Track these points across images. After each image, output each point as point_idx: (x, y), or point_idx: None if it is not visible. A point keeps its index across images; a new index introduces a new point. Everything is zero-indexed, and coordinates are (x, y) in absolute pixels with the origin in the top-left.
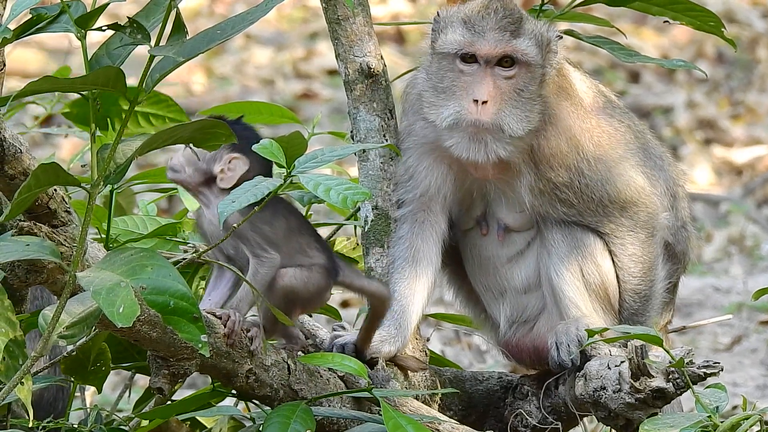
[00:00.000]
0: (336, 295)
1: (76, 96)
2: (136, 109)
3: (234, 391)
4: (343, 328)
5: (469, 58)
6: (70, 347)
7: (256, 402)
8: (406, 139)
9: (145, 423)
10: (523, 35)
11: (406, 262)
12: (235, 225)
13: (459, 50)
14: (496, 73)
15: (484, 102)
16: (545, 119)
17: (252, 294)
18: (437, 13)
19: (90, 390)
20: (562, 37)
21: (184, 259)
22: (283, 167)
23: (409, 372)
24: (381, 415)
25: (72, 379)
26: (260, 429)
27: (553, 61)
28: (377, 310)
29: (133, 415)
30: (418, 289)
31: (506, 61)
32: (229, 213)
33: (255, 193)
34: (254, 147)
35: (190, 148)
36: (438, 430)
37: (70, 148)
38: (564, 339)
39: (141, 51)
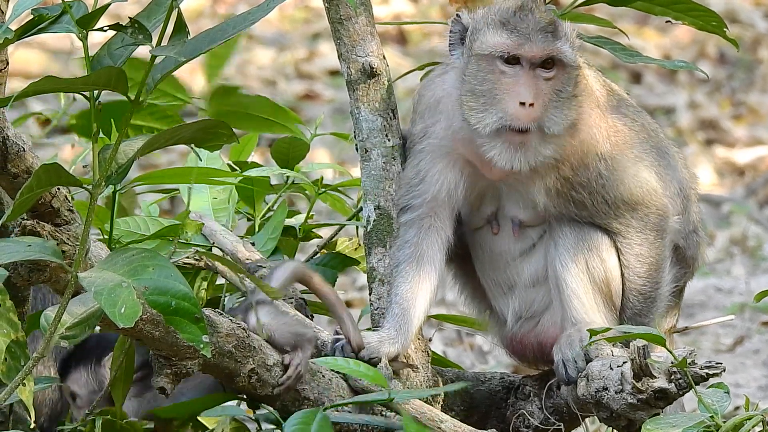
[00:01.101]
0: (340, 296)
1: (81, 107)
2: (136, 122)
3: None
4: None
5: (509, 60)
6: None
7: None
8: (420, 141)
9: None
10: (562, 36)
11: (410, 266)
12: None
13: (504, 52)
14: (537, 75)
15: (530, 104)
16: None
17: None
18: (457, 14)
19: None
20: (583, 38)
21: (186, 260)
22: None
23: (411, 371)
24: (385, 416)
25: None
26: None
27: (580, 61)
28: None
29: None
30: (421, 292)
31: (548, 62)
32: None
33: None
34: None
35: None
36: (441, 429)
37: (73, 149)
38: (570, 354)
39: (143, 51)
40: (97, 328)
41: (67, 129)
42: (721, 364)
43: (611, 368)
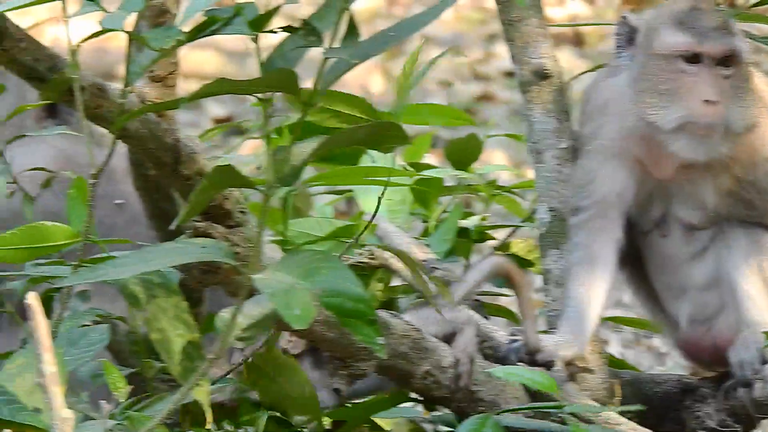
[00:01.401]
0: (514, 297)
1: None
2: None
3: (413, 394)
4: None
5: (690, 58)
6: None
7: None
8: (590, 142)
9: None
10: (737, 33)
11: (583, 268)
12: None
13: (686, 51)
14: (717, 72)
15: (714, 102)
16: None
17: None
18: (623, 17)
19: None
20: (756, 38)
21: (360, 258)
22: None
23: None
24: (563, 420)
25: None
26: None
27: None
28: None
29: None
30: (595, 295)
31: (727, 60)
32: None
33: None
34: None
35: None
36: (617, 431)
37: (248, 149)
38: (746, 357)
39: (315, 53)
40: None
41: (243, 131)
42: None
43: None
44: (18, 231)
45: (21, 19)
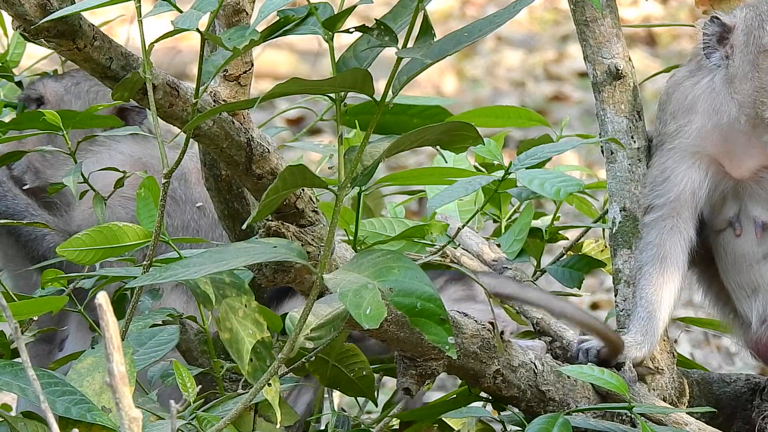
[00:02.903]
0: (585, 297)
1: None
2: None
3: (483, 393)
4: None
5: None
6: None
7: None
8: (671, 140)
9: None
10: None
11: (653, 268)
12: None
13: None
14: None
15: None
16: None
17: None
18: (713, 17)
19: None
20: None
21: (430, 259)
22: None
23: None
24: (633, 422)
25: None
26: None
27: None
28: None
29: (386, 416)
30: (665, 295)
31: None
32: (437, 207)
33: (467, 188)
34: (473, 148)
35: None
36: (685, 431)
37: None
38: None
39: (388, 53)
40: None
41: (316, 130)
42: None
43: None
44: (90, 232)
45: (91, 18)
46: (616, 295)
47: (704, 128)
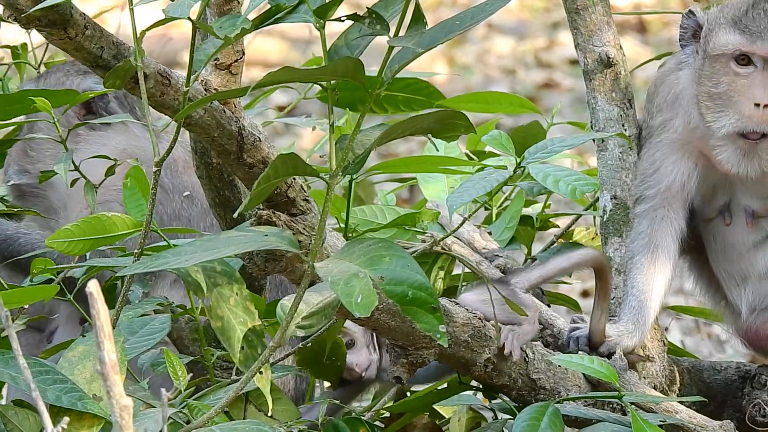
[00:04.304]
0: (576, 285)
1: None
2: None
3: (474, 382)
4: (582, 320)
5: (742, 60)
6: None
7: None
8: (658, 134)
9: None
10: None
11: (645, 257)
12: None
13: (735, 51)
14: None
15: (765, 106)
16: None
17: None
18: (689, 11)
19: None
20: None
21: (423, 248)
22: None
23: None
24: (624, 410)
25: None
26: (503, 426)
27: None
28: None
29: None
30: (656, 284)
31: None
32: (457, 206)
33: (485, 185)
34: (483, 138)
35: None
36: (676, 419)
37: (312, 137)
38: None
39: (380, 41)
40: None
41: (307, 116)
42: None
43: None
44: (79, 222)
45: (83, 7)
46: None
47: (687, 124)
